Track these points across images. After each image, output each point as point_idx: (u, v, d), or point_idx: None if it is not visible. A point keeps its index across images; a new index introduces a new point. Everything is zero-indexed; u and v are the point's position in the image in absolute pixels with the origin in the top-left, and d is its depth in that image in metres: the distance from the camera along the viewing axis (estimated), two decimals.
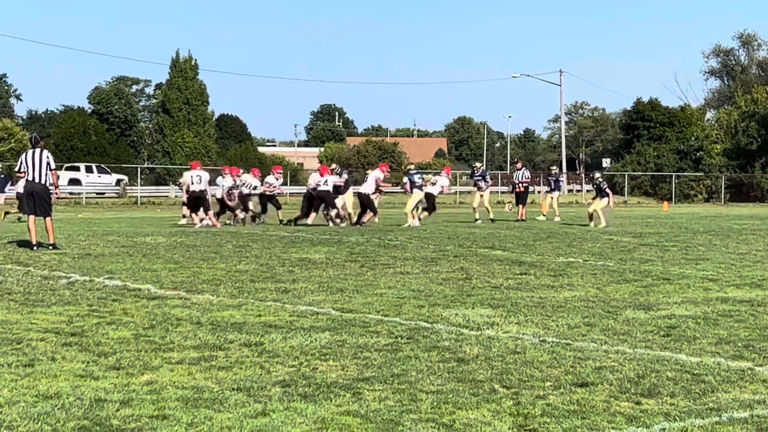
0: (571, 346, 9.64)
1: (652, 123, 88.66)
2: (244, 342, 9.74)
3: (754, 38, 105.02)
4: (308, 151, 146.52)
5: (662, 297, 13.47)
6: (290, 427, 6.61)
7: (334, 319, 11.26)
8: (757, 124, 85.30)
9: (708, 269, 17.37)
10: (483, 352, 9.28)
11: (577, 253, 20.47)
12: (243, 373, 8.28)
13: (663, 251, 21.33)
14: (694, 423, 6.81)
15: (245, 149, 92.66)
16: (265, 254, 19.63)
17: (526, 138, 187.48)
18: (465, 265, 17.67)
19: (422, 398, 7.43)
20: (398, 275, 15.86)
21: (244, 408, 7.10)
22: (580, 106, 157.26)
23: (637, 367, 8.64)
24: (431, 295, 13.39)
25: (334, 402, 7.31)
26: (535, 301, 12.89)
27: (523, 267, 17.37)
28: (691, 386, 7.92)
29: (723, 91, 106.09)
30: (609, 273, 16.53)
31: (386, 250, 20.94)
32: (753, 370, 8.62)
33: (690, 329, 10.74)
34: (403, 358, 9.00)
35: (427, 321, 11.14)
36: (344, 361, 8.82)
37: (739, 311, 12.16)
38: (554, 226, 32.94)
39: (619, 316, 11.64)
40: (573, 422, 6.81)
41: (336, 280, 15.06)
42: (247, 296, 13.19)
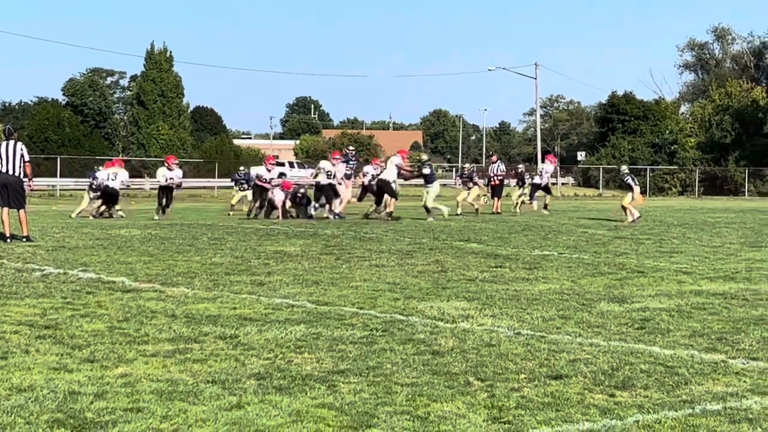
0: (546, 339, 9.67)
1: (627, 116, 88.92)
2: (219, 335, 9.72)
3: (728, 32, 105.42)
4: (284, 143, 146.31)
5: (636, 290, 13.52)
6: (265, 420, 6.60)
7: (310, 311, 11.26)
8: (731, 117, 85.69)
9: (682, 262, 17.45)
10: (458, 345, 9.30)
11: (552, 246, 20.52)
12: (218, 366, 8.26)
13: (637, 244, 21.41)
14: (668, 415, 6.84)
15: (220, 142, 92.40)
16: (241, 247, 19.60)
17: (501, 131, 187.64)
18: (440, 257, 17.69)
19: (397, 391, 7.44)
20: (374, 268, 15.86)
21: (219, 401, 7.09)
22: (555, 99, 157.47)
23: (611, 360, 8.67)
24: (406, 288, 13.40)
25: (309, 395, 7.31)
26: (510, 294, 12.91)
27: (498, 260, 17.40)
28: (665, 379, 7.96)
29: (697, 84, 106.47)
30: (584, 266, 16.58)
31: (362, 242, 20.94)
32: (726, 362, 8.67)
33: (664, 322, 10.78)
34: (378, 350, 9.01)
35: (403, 314, 11.15)
36: (319, 354, 8.82)
37: (712, 304, 12.22)
38: (529, 219, 32.99)
39: (594, 309, 11.68)
40: (547, 414, 6.83)
41: (311, 273, 15.05)
42: (222, 289, 13.17)
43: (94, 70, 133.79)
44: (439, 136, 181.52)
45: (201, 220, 29.67)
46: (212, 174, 73.87)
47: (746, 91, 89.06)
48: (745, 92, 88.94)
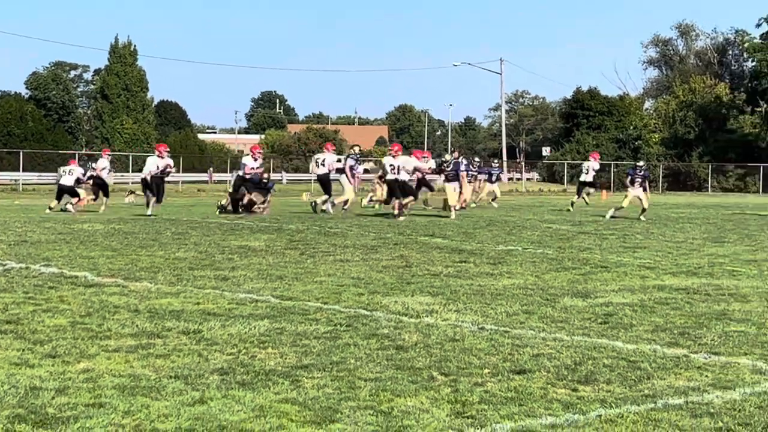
0: (510, 334, 9.69)
1: (592, 112, 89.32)
2: (183, 330, 9.68)
3: (692, 28, 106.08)
4: (249, 138, 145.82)
5: (600, 285, 13.58)
6: (228, 415, 6.58)
7: (274, 306, 11.23)
8: (695, 113, 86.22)
9: (645, 257, 17.54)
10: (422, 340, 9.30)
11: (517, 241, 20.57)
12: (181, 361, 8.23)
13: (601, 239, 21.50)
14: (630, 410, 6.87)
15: (185, 136, 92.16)
16: (205, 241, 19.53)
17: (467, 126, 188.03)
18: (405, 252, 17.70)
19: (361, 386, 7.43)
20: (338, 263, 15.84)
21: (182, 396, 7.06)
22: (520, 94, 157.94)
23: (575, 355, 8.70)
24: (371, 283, 13.39)
25: (272, 390, 7.29)
26: (474, 289, 12.93)
27: (463, 255, 17.42)
28: (628, 373, 7.99)
29: (661, 80, 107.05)
30: (548, 261, 16.63)
31: (326, 237, 20.92)
32: (688, 357, 8.72)
33: (627, 317, 10.83)
34: (342, 345, 9.00)
35: (367, 308, 11.14)
36: (283, 349, 8.80)
37: (675, 299, 12.29)
38: (493, 213, 33.05)
39: (557, 304, 11.72)
40: (510, 409, 6.84)
41: (275, 268, 15.02)
42: (185, 284, 13.11)
43: (57, 64, 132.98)
44: (404, 131, 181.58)
45: (165, 215, 29.53)
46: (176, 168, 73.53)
47: (710, 88, 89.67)
48: (709, 88, 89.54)
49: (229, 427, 6.33)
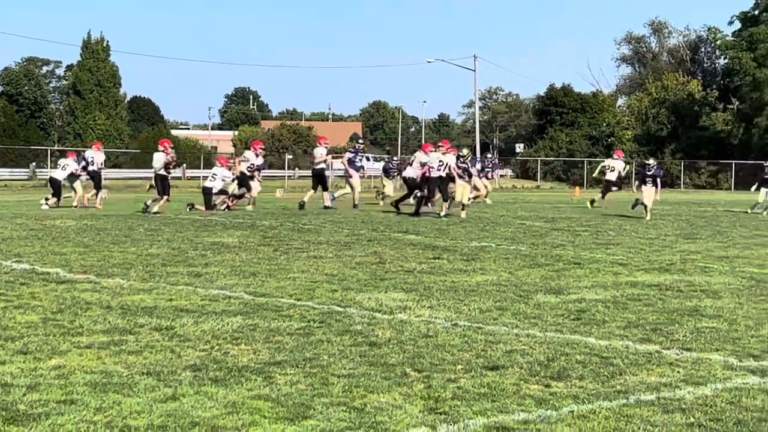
0: (483, 330, 9.71)
1: (565, 109, 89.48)
2: (155, 326, 9.65)
3: (665, 26, 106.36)
4: (222, 134, 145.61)
5: (573, 281, 13.62)
6: (200, 411, 6.57)
7: (247, 303, 11.21)
8: (668, 110, 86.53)
9: (618, 254, 17.60)
10: (395, 336, 9.30)
11: (490, 238, 20.59)
12: (153, 358, 8.21)
13: (574, 236, 21.56)
14: (602, 405, 6.90)
15: (158, 132, 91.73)
16: (178, 238, 19.47)
17: (440, 122, 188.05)
18: (378, 249, 17.69)
19: (334, 382, 7.43)
20: (312, 259, 15.83)
21: (154, 392, 7.04)
22: (494, 91, 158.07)
23: (547, 351, 8.73)
24: (344, 279, 13.39)
25: (245, 386, 7.28)
26: (447, 285, 12.95)
27: (436, 251, 17.44)
28: (600, 369, 8.02)
29: (634, 77, 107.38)
30: (521, 257, 16.66)
31: (300, 234, 20.89)
32: (660, 353, 8.76)
33: (599, 313, 10.87)
34: (315, 342, 8.99)
35: (340, 305, 11.14)
36: (256, 345, 8.79)
37: (647, 295, 12.34)
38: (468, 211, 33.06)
39: (530, 300, 11.74)
40: (483, 405, 6.86)
41: (249, 264, 14.99)
42: (158, 280, 13.07)
43: (29, 59, 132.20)
44: (378, 127, 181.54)
45: (138, 212, 29.40)
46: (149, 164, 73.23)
47: (682, 85, 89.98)
48: (681, 85, 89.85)
49: (202, 423, 6.31)
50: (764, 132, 74.58)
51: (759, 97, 74.81)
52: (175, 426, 6.25)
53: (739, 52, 76.40)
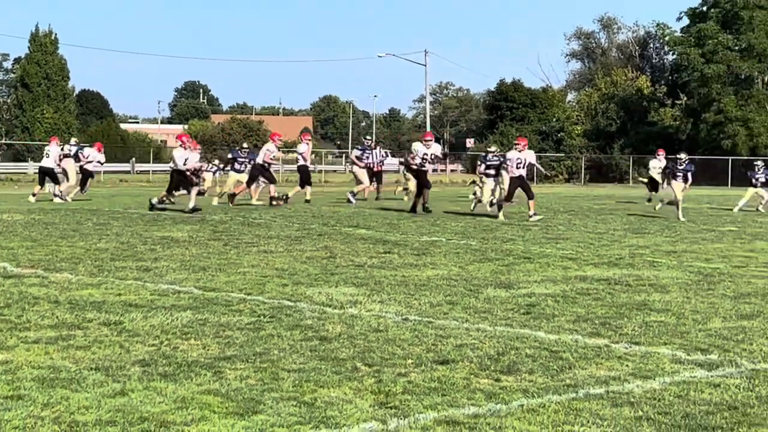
0: (433, 324, 9.72)
1: (515, 104, 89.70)
2: (104, 321, 9.59)
3: (614, 21, 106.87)
4: (172, 128, 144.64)
5: (523, 276, 13.67)
6: (149, 407, 6.53)
7: (196, 297, 11.16)
8: (617, 106, 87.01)
9: (567, 248, 17.69)
10: (346, 331, 9.30)
11: (441, 232, 20.63)
12: (102, 353, 8.15)
13: (524, 230, 21.64)
14: (552, 399, 6.93)
15: (107, 126, 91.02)
16: (127, 232, 19.35)
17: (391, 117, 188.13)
18: (329, 243, 17.67)
19: (284, 377, 7.41)
20: (262, 254, 15.78)
21: (102, 388, 6.99)
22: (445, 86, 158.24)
23: (497, 345, 8.76)
24: (295, 274, 13.36)
25: (194, 381, 7.24)
26: (398, 280, 12.96)
27: (387, 246, 17.45)
28: (550, 363, 8.06)
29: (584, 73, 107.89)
30: (471, 252, 16.70)
31: (250, 228, 20.82)
32: (609, 347, 8.81)
33: (549, 307, 10.92)
34: (266, 336, 8.97)
35: (291, 300, 11.12)
36: (206, 340, 8.75)
37: (596, 289, 12.41)
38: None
39: (481, 295, 11.78)
40: (433, 399, 6.87)
41: (199, 259, 14.93)
42: (107, 275, 12.98)
43: None
44: (329, 122, 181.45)
45: (86, 205, 29.20)
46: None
47: (631, 80, 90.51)
48: (630, 81, 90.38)
49: (151, 418, 6.28)
50: (712, 128, 75.24)
51: (707, 93, 75.44)
52: (123, 421, 6.21)
53: (688, 48, 76.94)
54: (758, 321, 10.32)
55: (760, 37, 73.02)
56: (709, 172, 74.49)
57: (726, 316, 10.60)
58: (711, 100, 75.40)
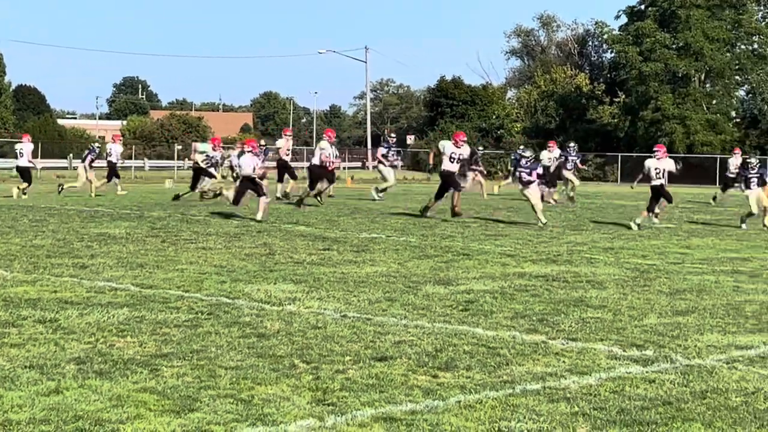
0: (372, 321, 9.73)
1: (455, 101, 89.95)
2: (39, 318, 9.49)
3: (553, 19, 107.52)
4: (110, 124, 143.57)
5: (462, 272, 13.72)
6: (84, 405, 6.47)
7: (133, 294, 11.08)
8: (556, 103, 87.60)
9: (506, 245, 17.77)
10: (284, 328, 9.28)
11: (380, 229, 20.64)
12: (36, 350, 8.06)
13: (464, 227, 21.70)
14: (489, 395, 6.96)
15: (44, 121, 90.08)
16: (63, 229, 19.16)
17: (332, 114, 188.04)
18: (268, 240, 17.62)
19: (221, 374, 7.38)
20: (200, 250, 15.70)
21: (37, 386, 6.91)
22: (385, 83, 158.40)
23: (435, 341, 8.78)
24: (233, 271, 13.31)
25: (130, 379, 7.19)
26: (337, 277, 12.95)
27: (327, 242, 17.43)
28: (487, 359, 8.09)
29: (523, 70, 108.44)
30: (411, 248, 16.73)
31: (189, 225, 20.71)
32: (546, 343, 8.87)
33: (487, 304, 10.97)
34: (203, 333, 8.92)
35: (229, 296, 11.08)
36: (142, 338, 8.69)
37: (534, 286, 12.48)
38: (356, 201, 33.10)
39: (420, 291, 11.80)
40: (371, 396, 6.87)
41: (136, 256, 14.82)
42: (42, 272, 12.85)
43: None
44: (269, 118, 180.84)
45: (22, 202, 28.87)
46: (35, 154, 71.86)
47: (570, 78, 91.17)
48: (569, 79, 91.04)
49: (85, 416, 6.22)
50: (649, 125, 75.91)
51: (644, 91, 76.08)
52: (57, 420, 6.15)
53: (626, 46, 77.54)
54: (693, 317, 10.43)
55: (697, 36, 73.78)
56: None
57: (661, 312, 10.71)
58: (649, 98, 76.07)
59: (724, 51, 76.38)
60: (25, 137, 33.64)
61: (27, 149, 32.33)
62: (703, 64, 75.30)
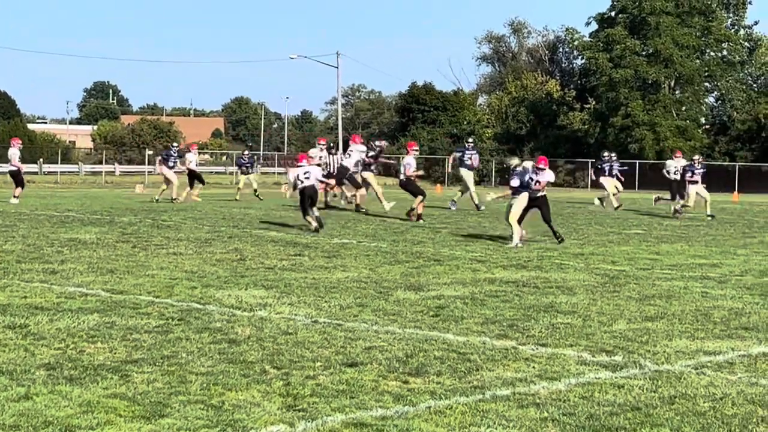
0: (343, 327, 9.75)
1: (427, 107, 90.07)
2: (8, 324, 9.45)
3: (524, 26, 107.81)
4: (80, 128, 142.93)
5: (432, 278, 13.75)
6: (54, 411, 6.46)
7: (104, 300, 11.06)
8: (527, 109, 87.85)
9: (477, 250, 17.81)
10: (255, 333, 9.28)
11: (351, 235, 20.66)
12: (6, 356, 8.04)
13: (434, 233, 21.74)
14: (459, 401, 6.99)
15: (14, 126, 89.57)
16: (33, 234, 19.08)
17: (303, 119, 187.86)
18: (239, 246, 17.61)
19: (192, 380, 7.38)
20: (171, 256, 15.67)
21: (6, 392, 6.90)
22: (357, 88, 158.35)
23: (406, 347, 8.80)
24: (204, 276, 13.30)
25: (100, 385, 7.18)
26: (308, 282, 12.96)
27: (298, 248, 17.43)
28: (458, 365, 8.12)
29: (494, 76, 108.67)
30: (382, 254, 16.75)
31: (159, 230, 20.66)
32: (516, 348, 8.91)
33: (458, 309, 11.00)
34: (174, 339, 8.92)
35: (200, 302, 11.07)
36: (113, 343, 8.67)
37: (505, 291, 12.53)
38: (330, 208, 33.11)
39: (391, 297, 11.83)
40: (342, 402, 6.89)
41: (107, 261, 14.78)
42: (12, 277, 12.80)
43: None
44: (240, 123, 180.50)
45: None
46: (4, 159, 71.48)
47: (541, 84, 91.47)
48: (540, 85, 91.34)
49: (55, 422, 6.21)
50: (619, 131, 76.25)
51: (615, 97, 76.41)
52: (27, 426, 6.14)
53: (596, 53, 77.91)
54: (662, 323, 10.50)
55: (667, 43, 74.19)
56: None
57: (631, 317, 10.77)
58: (619, 105, 76.41)
59: (694, 58, 76.83)
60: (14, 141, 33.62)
61: (14, 153, 32.36)
62: (673, 71, 75.74)
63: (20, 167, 32.41)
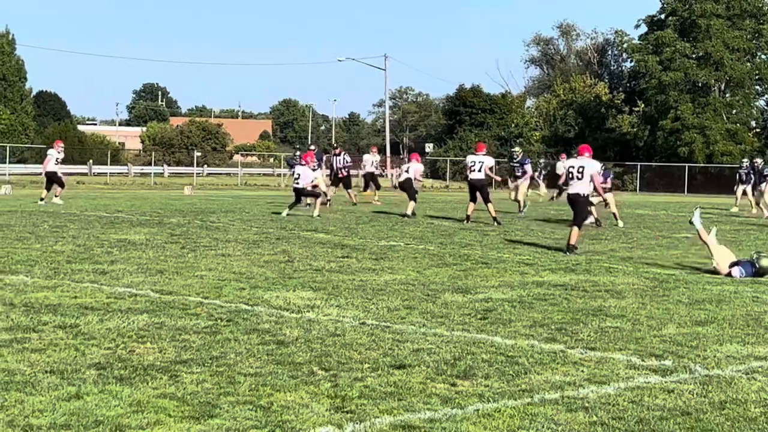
0: (390, 329, 9.74)
1: (474, 109, 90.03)
2: (59, 324, 9.53)
3: (573, 28, 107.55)
4: (130, 130, 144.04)
5: (480, 281, 13.72)
6: (104, 410, 6.50)
7: (153, 301, 11.12)
8: (575, 112, 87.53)
9: (525, 253, 17.76)
10: (303, 335, 9.30)
11: (399, 237, 20.66)
12: (57, 356, 8.10)
13: (482, 235, 21.70)
14: (507, 404, 6.96)
15: (64, 127, 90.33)
16: (83, 235, 19.23)
17: (351, 122, 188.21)
18: (287, 247, 17.65)
19: (240, 381, 7.40)
20: (219, 257, 15.74)
21: (57, 391, 6.95)
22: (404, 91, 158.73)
23: (454, 350, 8.78)
24: (252, 278, 13.34)
25: (150, 384, 7.22)
26: (356, 284, 12.96)
27: (345, 250, 17.45)
28: (506, 368, 8.09)
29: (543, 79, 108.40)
30: (429, 256, 16.74)
31: (208, 231, 20.76)
32: (565, 352, 8.86)
33: (506, 312, 10.96)
34: (222, 340, 8.95)
35: (248, 303, 11.10)
36: (162, 344, 8.72)
37: (553, 295, 12.47)
38: (373, 207, 33.14)
39: (438, 300, 11.81)
40: (390, 404, 6.88)
41: (156, 262, 14.86)
42: (62, 277, 12.90)
43: None
44: (288, 125, 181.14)
45: (43, 208, 29.00)
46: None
47: (589, 87, 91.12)
48: (589, 88, 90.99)
49: (106, 422, 6.25)
50: (669, 134, 75.79)
51: (664, 100, 75.97)
52: (78, 425, 6.18)
53: (645, 56, 77.49)
54: (712, 327, 10.41)
55: (717, 46, 73.66)
56: (665, 179, 75.02)
57: (680, 322, 10.69)
58: (668, 108, 75.94)
59: (744, 61, 76.24)
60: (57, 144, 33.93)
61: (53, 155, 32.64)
62: (723, 74, 75.17)
63: (52, 169, 32.38)
